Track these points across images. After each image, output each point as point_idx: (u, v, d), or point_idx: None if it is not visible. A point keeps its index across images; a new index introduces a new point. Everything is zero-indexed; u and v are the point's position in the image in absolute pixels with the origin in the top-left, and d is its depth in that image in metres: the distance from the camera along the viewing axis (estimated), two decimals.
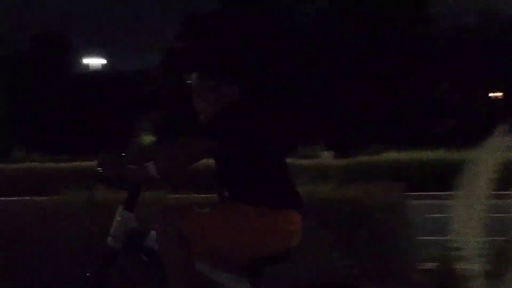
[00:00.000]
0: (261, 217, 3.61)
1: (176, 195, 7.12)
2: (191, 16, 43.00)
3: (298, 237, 3.78)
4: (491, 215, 4.26)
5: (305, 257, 6.07)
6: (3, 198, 12.14)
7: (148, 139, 48.20)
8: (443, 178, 7.31)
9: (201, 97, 3.87)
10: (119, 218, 3.67)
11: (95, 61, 47.60)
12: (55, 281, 5.92)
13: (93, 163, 3.90)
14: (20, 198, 10.99)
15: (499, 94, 42.22)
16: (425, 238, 7.74)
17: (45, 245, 6.05)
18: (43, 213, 6.93)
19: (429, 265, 6.76)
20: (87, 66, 47.17)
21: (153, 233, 3.65)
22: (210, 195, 6.72)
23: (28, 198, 10.54)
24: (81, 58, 46.63)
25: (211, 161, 3.81)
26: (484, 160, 4.17)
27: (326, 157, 25.69)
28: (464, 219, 4.14)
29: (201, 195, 7.29)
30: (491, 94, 42.44)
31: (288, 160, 3.93)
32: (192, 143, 3.68)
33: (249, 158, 3.69)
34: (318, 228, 6.19)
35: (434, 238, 7.10)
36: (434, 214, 10.96)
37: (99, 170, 3.81)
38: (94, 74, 45.28)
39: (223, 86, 3.86)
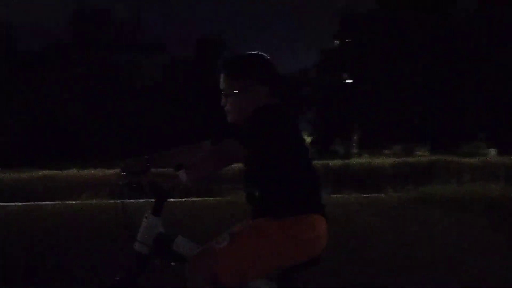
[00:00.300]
0: (282, 229, 3.46)
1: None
2: (348, 16, 42.87)
3: (324, 242, 3.59)
4: None
5: (474, 257, 5.89)
6: (184, 199, 12.65)
7: (306, 139, 48.51)
8: None
9: (230, 98, 3.72)
10: (146, 223, 3.63)
11: None
12: None
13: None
14: (188, 199, 11.40)
15: None
16: None
17: None
18: (211, 212, 7.14)
19: None
20: None
21: (179, 238, 3.62)
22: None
23: (197, 199, 10.94)
24: None
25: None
26: None
27: (493, 154, 24.79)
28: None
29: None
30: None
31: (450, 158, 3.72)
32: (223, 148, 3.53)
33: (279, 163, 3.53)
34: (489, 228, 5.98)
35: None
36: None
37: (123, 175, 3.67)
38: None
39: (252, 87, 3.69)
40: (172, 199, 3.83)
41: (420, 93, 37.92)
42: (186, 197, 11.70)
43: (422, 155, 28.01)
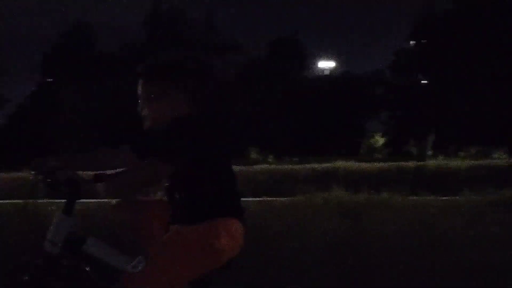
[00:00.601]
0: (196, 236, 3.42)
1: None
2: (424, 16, 42.27)
3: (239, 246, 3.54)
4: None
5: None
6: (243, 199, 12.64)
7: (379, 140, 48.06)
8: None
9: (146, 104, 3.61)
10: (57, 223, 3.52)
11: (327, 64, 48.34)
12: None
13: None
14: (260, 198, 11.36)
15: None
16: None
17: (289, 244, 6.10)
18: (283, 213, 7.06)
19: None
20: (320, 69, 48.04)
21: (91, 239, 3.52)
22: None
23: (269, 198, 10.90)
24: (314, 62, 47.57)
25: None
26: None
27: None
28: None
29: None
30: None
31: None
32: (149, 171, 3.42)
33: (198, 173, 3.48)
34: None
35: None
36: None
37: (35, 173, 3.57)
38: (326, 77, 45.98)
39: (170, 93, 3.56)
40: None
41: (497, 94, 37.04)
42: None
43: (499, 158, 27.37)
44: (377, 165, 21.56)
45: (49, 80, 47.11)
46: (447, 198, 9.33)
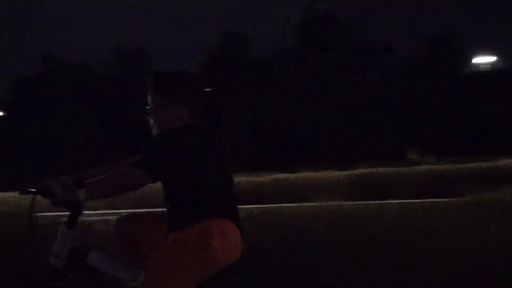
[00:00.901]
0: (190, 239, 3.50)
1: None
2: None
3: (237, 250, 3.61)
4: None
5: None
6: (398, 201, 12.41)
7: None
8: None
9: (152, 114, 3.80)
10: (61, 237, 3.59)
11: (486, 59, 46.71)
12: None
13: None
14: (423, 200, 11.14)
15: None
16: None
17: (458, 247, 5.86)
18: (450, 214, 6.85)
19: None
20: (478, 65, 46.54)
21: (94, 252, 3.60)
22: None
23: (432, 200, 10.68)
24: (473, 57, 46.16)
25: None
26: None
27: None
28: None
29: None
30: None
31: None
32: (128, 177, 3.51)
33: (183, 182, 3.61)
34: None
35: None
36: None
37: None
38: (485, 72, 44.52)
39: (173, 105, 3.76)
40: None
41: None
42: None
43: None
44: None
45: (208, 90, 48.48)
46: None
